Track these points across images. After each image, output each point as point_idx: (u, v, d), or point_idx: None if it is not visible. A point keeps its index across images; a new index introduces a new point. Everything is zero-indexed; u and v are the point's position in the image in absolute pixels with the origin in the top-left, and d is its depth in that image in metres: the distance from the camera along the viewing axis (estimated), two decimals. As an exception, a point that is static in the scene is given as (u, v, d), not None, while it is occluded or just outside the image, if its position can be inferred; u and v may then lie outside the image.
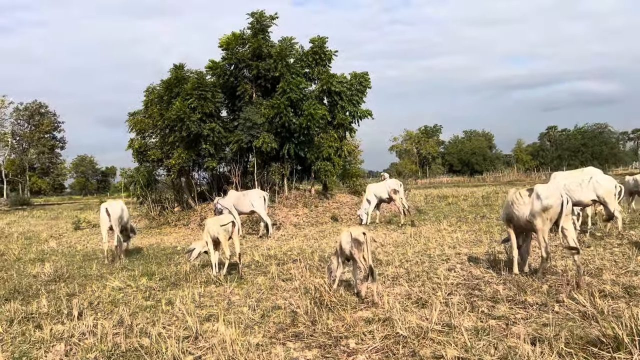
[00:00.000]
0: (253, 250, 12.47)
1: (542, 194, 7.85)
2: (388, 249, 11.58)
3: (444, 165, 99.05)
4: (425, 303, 6.84)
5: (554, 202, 7.72)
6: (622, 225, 12.16)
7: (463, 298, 6.93)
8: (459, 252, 10.50)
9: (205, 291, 8.29)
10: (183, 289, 8.43)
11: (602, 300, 6.21)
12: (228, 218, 9.89)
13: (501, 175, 65.14)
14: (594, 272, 7.93)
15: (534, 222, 7.90)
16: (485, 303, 6.65)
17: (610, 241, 10.82)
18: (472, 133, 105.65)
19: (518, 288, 7.23)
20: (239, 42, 20.03)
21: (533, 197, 8.00)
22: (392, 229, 15.47)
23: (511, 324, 5.76)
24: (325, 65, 21.09)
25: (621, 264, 8.43)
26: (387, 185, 17.25)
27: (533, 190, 8.10)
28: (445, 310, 6.32)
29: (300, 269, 9.57)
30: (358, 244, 7.36)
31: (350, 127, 21.40)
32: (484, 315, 6.12)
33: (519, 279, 7.82)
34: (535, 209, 7.87)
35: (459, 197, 27.82)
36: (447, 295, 7.18)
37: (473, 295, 7.11)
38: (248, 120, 18.85)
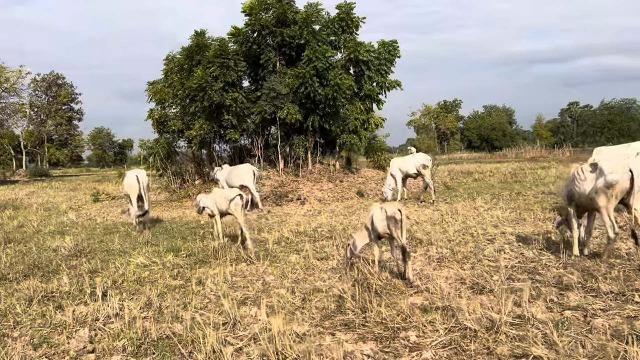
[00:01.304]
0: (281, 226, 11.86)
1: (606, 169, 7.06)
2: (425, 227, 10.88)
3: (462, 141, 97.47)
4: (483, 289, 6.16)
5: (619, 178, 6.95)
6: None
7: (525, 284, 6.23)
8: (504, 232, 9.76)
9: (237, 270, 7.70)
10: (212, 267, 7.86)
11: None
12: (234, 192, 9.73)
13: (523, 151, 63.66)
14: (664, 257, 7.16)
15: (597, 200, 7.14)
16: (553, 290, 5.95)
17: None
18: (492, 108, 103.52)
19: (583, 273, 6.51)
20: (262, 7, 19.08)
21: (597, 172, 7.24)
22: (424, 205, 14.74)
23: (590, 316, 5.07)
24: (352, 32, 20.09)
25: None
26: (415, 159, 16.41)
27: (596, 165, 7.32)
28: (510, 297, 5.64)
29: (335, 248, 8.96)
30: (394, 222, 6.73)
31: (378, 99, 20.50)
32: (556, 305, 5.43)
33: (581, 262, 7.10)
34: (598, 186, 7.12)
35: (484, 174, 26.88)
36: (505, 279, 6.49)
37: (535, 281, 6.41)
38: (272, 90, 18.06)
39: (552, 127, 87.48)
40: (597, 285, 5.91)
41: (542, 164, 32.21)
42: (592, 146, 57.16)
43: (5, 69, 44.00)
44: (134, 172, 12.76)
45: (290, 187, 18.08)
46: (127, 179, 12.68)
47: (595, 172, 7.28)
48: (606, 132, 59.09)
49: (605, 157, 7.93)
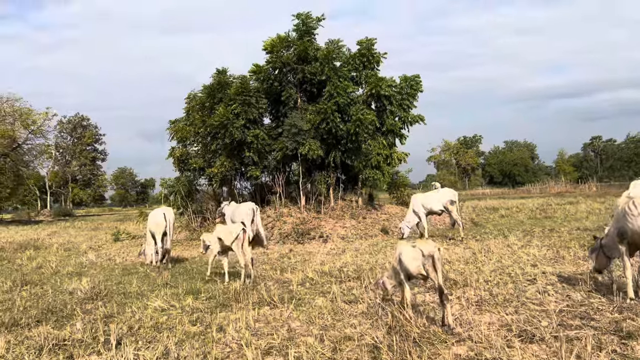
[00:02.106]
0: (305, 266, 11.35)
1: None
2: (457, 266, 10.26)
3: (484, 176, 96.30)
4: (533, 337, 5.55)
5: None
6: None
7: (582, 332, 5.60)
8: (544, 272, 9.10)
9: (260, 314, 7.19)
10: (234, 312, 7.36)
11: None
12: (238, 227, 9.86)
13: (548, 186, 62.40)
14: None
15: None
16: (613, 339, 5.32)
17: None
18: (513, 143, 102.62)
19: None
20: (283, 45, 19.12)
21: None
22: (454, 243, 14.11)
23: (664, 371, 4.44)
24: (373, 68, 19.97)
25: None
26: (441, 195, 15.79)
27: None
28: (564, 347, 5.02)
29: (364, 289, 8.41)
30: (432, 261, 6.18)
31: (401, 134, 20.15)
32: (620, 357, 4.81)
33: (638, 306, 6.44)
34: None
35: (511, 209, 26.12)
36: (556, 326, 5.86)
37: (589, 327, 5.78)
38: (293, 126, 17.85)
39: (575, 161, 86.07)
40: (664, 334, 5.26)
41: (569, 199, 31.26)
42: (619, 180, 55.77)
43: (32, 112, 45.02)
44: (162, 210, 12.76)
45: (312, 225, 17.61)
46: (155, 217, 12.58)
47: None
48: (633, 165, 57.67)
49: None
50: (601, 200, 27.47)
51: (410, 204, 15.97)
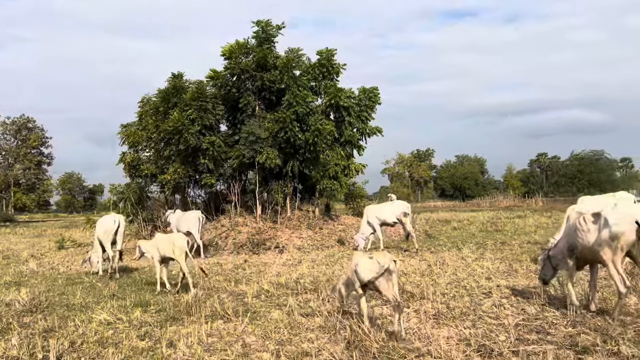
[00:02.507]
0: (260, 277, 11.06)
1: (611, 220, 6.64)
2: (413, 278, 10.24)
3: (436, 189, 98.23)
4: (491, 352, 5.52)
5: (625, 229, 6.51)
6: None
7: (537, 347, 5.61)
8: (498, 285, 9.19)
9: (213, 329, 6.89)
10: (185, 325, 7.02)
11: None
12: (180, 236, 9.83)
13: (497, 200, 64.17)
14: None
15: (601, 252, 6.67)
16: (570, 354, 5.34)
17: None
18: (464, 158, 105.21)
19: (598, 333, 5.94)
20: (242, 52, 18.84)
21: (600, 223, 6.78)
22: (409, 255, 14.15)
23: (620, 386, 4.46)
24: (332, 78, 19.93)
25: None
26: (395, 207, 15.88)
27: (600, 215, 6.87)
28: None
29: (321, 302, 8.23)
30: (388, 273, 6.21)
31: (359, 145, 20.17)
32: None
33: (591, 320, 6.55)
34: (603, 238, 6.66)
35: (462, 222, 26.61)
36: (514, 340, 5.86)
37: (545, 342, 5.81)
38: (251, 134, 17.57)
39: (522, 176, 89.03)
40: (617, 348, 5.33)
41: (517, 213, 32.16)
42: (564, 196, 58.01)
43: (-28, 111, 42.65)
44: (112, 217, 12.30)
45: (268, 235, 17.31)
46: (104, 223, 12.13)
47: (598, 223, 6.83)
48: (577, 182, 60.20)
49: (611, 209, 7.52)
50: (548, 214, 28.36)
51: (364, 215, 15.98)
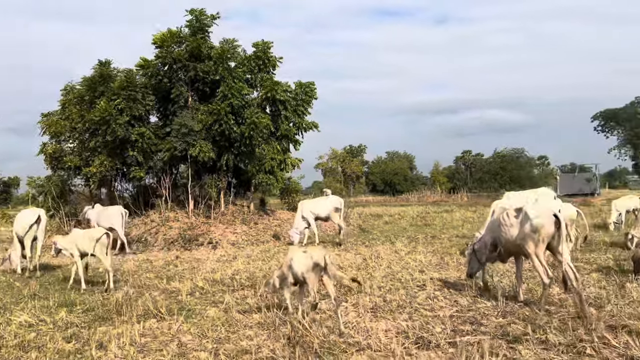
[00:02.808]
0: (194, 274, 10.74)
1: (532, 214, 7.00)
2: (350, 272, 10.31)
3: (367, 184, 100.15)
4: (429, 343, 5.64)
5: (545, 222, 6.87)
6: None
7: (472, 337, 5.79)
8: (431, 277, 9.44)
9: (146, 328, 6.58)
10: (116, 326, 6.66)
11: (634, 339, 5.30)
12: (100, 231, 9.54)
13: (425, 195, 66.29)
14: (593, 303, 7.10)
15: (525, 246, 7.01)
16: (502, 344, 5.54)
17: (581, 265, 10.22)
18: (394, 154, 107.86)
19: (526, 322, 6.22)
20: (175, 40, 18.18)
21: (521, 217, 7.14)
22: (345, 249, 14.27)
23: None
24: (269, 71, 19.68)
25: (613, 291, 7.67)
26: (329, 202, 16.01)
27: (521, 209, 7.24)
28: (461, 354, 5.14)
29: (258, 298, 8.10)
30: (319, 268, 6.44)
31: (295, 139, 20.10)
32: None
33: (519, 310, 6.85)
34: (525, 231, 7.00)
35: (394, 216, 27.30)
36: (450, 331, 6.02)
37: (479, 332, 6.01)
38: (183, 125, 17.02)
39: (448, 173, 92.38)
40: (545, 337, 5.60)
41: (444, 208, 33.40)
42: (487, 191, 60.86)
43: None
44: (33, 211, 11.52)
45: (200, 230, 16.89)
46: (24, 218, 11.32)
47: (520, 217, 7.17)
48: (499, 178, 63.27)
49: (532, 204, 7.94)
50: (472, 209, 29.60)
51: (299, 210, 16.03)
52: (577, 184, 47.19)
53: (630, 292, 7.33)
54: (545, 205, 7.75)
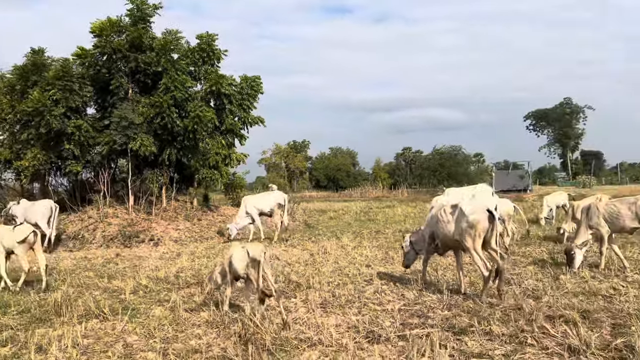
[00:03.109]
0: (136, 272, 10.41)
1: (467, 210, 7.39)
2: (297, 268, 10.34)
3: (311, 180, 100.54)
4: (379, 338, 5.73)
5: (480, 217, 7.22)
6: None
7: (421, 330, 5.94)
8: (378, 272, 9.62)
9: (88, 329, 6.32)
10: (55, 327, 6.35)
11: (571, 328, 5.62)
12: (27, 228, 9.03)
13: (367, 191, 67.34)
14: (532, 294, 7.47)
15: (463, 241, 7.37)
16: (449, 336, 5.72)
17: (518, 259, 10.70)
18: (337, 150, 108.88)
19: (471, 315, 6.45)
20: (115, 30, 17.42)
21: (457, 213, 7.52)
22: (292, 245, 14.26)
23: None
24: (213, 64, 19.27)
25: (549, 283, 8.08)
26: (272, 197, 15.95)
27: (457, 206, 7.63)
28: (410, 347, 5.25)
29: (205, 296, 7.95)
30: (257, 263, 6.65)
31: (240, 134, 19.82)
32: (459, 353, 5.18)
33: (463, 303, 7.09)
34: (462, 227, 7.35)
35: (338, 212, 27.59)
36: (399, 325, 6.15)
37: (427, 325, 6.17)
38: (124, 118, 16.38)
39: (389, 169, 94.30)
40: (490, 328, 5.82)
41: (386, 203, 34.04)
42: (426, 187, 62.62)
43: None
44: None
45: (141, 227, 16.38)
46: None
47: (456, 214, 7.53)
48: (438, 175, 65.17)
49: (468, 201, 8.33)
50: (413, 204, 30.31)
51: (242, 206, 15.92)
52: (510, 180, 49.53)
53: (565, 284, 7.77)
54: (479, 201, 8.11)
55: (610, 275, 8.34)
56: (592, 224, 9.04)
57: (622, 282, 7.79)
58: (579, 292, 7.33)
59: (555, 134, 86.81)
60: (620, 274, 8.49)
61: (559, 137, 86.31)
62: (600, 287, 7.58)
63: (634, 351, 4.69)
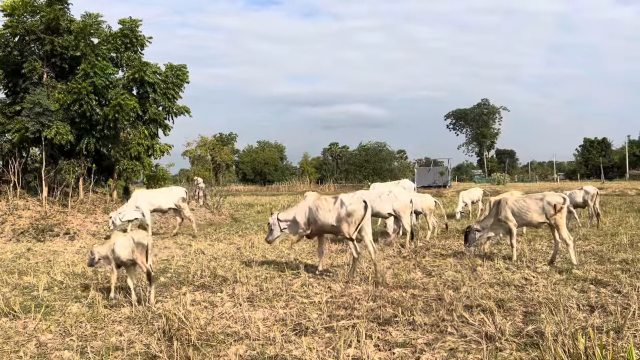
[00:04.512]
0: (50, 267, 9.83)
1: (346, 201, 8.48)
2: (224, 262, 10.20)
3: (237, 173, 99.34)
4: (307, 330, 5.78)
5: (357, 207, 8.35)
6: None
7: (347, 322, 6.05)
8: (305, 265, 9.69)
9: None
10: (-44, 328, 5.87)
11: (487, 317, 5.94)
12: None
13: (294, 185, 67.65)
14: (451, 285, 7.82)
15: (341, 227, 8.40)
16: (374, 327, 5.87)
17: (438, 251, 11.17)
18: (265, 144, 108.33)
19: (394, 305, 6.65)
20: (28, 10, 16.25)
21: (338, 204, 8.52)
22: (217, 239, 14.04)
23: (418, 352, 5.06)
24: (136, 51, 18.50)
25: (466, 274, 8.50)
26: (173, 193, 15.00)
27: (337, 197, 8.67)
28: (337, 338, 5.34)
29: (125, 292, 7.65)
30: (142, 248, 7.05)
31: (165, 124, 19.16)
32: (383, 343, 5.32)
33: (388, 293, 7.30)
34: (341, 215, 8.39)
35: (265, 206, 27.49)
36: (327, 317, 6.23)
37: (353, 316, 6.30)
38: (37, 104, 15.36)
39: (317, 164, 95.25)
40: (413, 318, 6.03)
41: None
42: (352, 182, 63.86)
43: None
44: None
45: (56, 220, 15.46)
46: None
47: (337, 204, 8.53)
48: (363, 170, 66.64)
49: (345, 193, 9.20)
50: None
51: (133, 199, 14.64)
52: (431, 176, 51.50)
53: (482, 275, 8.21)
54: (356, 195, 9.22)
55: (522, 267, 8.90)
56: (501, 217, 9.64)
57: (532, 273, 8.33)
58: (494, 283, 7.77)
59: (473, 133, 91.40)
60: (530, 265, 9.08)
61: (476, 136, 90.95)
62: (513, 277, 8.08)
63: (544, 337, 5.03)
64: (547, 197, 9.35)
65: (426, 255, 10.59)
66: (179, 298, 7.24)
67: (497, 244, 11.37)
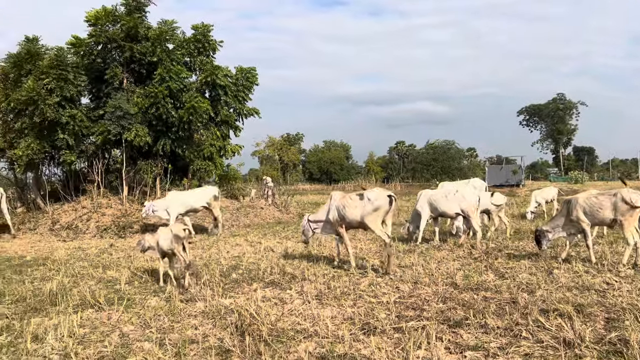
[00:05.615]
0: (131, 262, 10.40)
1: (372, 197, 8.89)
2: (292, 260, 10.36)
3: (304, 173, 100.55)
4: (375, 330, 5.77)
5: (383, 203, 8.82)
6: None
7: (416, 323, 5.98)
8: (372, 264, 9.66)
9: (84, 319, 6.32)
10: (51, 317, 6.35)
11: (565, 322, 5.68)
12: None
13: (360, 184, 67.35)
14: (526, 288, 7.53)
15: (367, 221, 8.87)
16: (444, 329, 5.77)
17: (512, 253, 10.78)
18: (331, 143, 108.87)
19: (465, 307, 6.50)
20: (110, 19, 17.32)
21: (365, 200, 8.94)
22: (285, 236, 14.28)
23: (491, 356, 4.92)
24: (208, 55, 19.23)
25: (542, 277, 8.16)
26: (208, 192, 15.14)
27: (363, 194, 9.04)
28: (407, 339, 5.30)
29: (201, 286, 7.97)
30: (178, 239, 7.83)
31: (235, 126, 19.76)
32: (455, 346, 5.22)
33: (459, 295, 7.15)
34: (368, 210, 8.86)
35: (332, 205, 27.53)
36: (395, 317, 6.19)
37: (422, 318, 6.22)
38: (118, 108, 16.31)
39: (382, 163, 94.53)
40: (485, 321, 5.87)
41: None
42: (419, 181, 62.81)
43: None
44: None
45: (135, 217, 16.33)
46: None
47: (363, 200, 8.93)
48: (431, 169, 65.44)
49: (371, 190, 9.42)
50: (406, 198, 30.37)
51: (166, 200, 14.64)
52: (503, 175, 49.71)
53: (559, 278, 7.84)
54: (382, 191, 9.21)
55: (603, 270, 8.42)
56: (572, 217, 9.14)
57: (615, 277, 7.86)
58: (572, 286, 7.40)
59: (548, 129, 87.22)
60: (612, 268, 8.57)
61: (551, 132, 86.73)
62: (593, 281, 7.66)
63: (628, 344, 4.75)
64: (621, 193, 8.76)
65: (498, 256, 10.24)
66: (250, 294, 7.44)
67: (575, 245, 10.82)
